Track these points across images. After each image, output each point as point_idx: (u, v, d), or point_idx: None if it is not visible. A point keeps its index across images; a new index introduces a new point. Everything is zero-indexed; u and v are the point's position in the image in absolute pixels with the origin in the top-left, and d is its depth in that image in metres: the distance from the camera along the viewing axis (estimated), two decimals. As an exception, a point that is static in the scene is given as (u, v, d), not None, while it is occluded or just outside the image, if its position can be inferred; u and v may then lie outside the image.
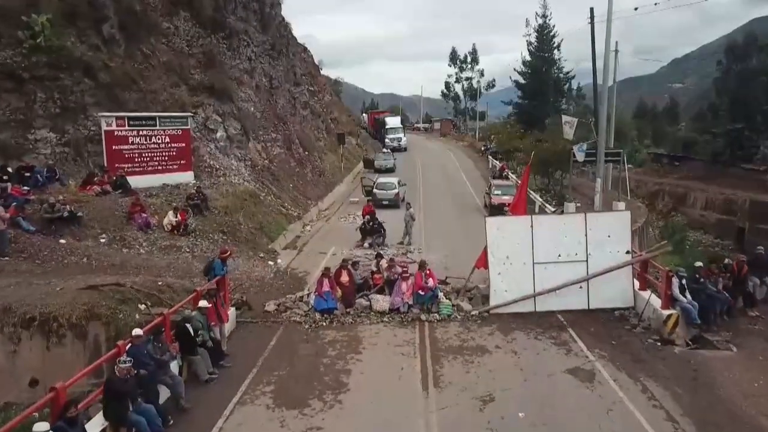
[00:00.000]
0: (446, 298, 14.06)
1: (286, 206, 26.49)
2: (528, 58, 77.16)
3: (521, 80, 77.42)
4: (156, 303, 13.29)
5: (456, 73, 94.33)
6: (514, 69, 77.57)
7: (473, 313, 13.61)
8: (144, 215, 18.65)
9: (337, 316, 13.47)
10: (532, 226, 13.86)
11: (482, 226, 14.44)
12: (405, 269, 14.47)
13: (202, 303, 10.72)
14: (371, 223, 21.01)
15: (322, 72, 59.11)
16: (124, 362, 8.05)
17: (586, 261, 13.87)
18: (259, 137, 30.39)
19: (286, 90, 38.39)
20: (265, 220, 22.72)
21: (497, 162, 42.07)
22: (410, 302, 13.66)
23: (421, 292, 13.64)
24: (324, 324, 13.18)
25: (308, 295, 14.35)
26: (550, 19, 76.88)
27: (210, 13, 29.31)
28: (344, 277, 14.23)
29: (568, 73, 77.85)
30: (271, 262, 18.61)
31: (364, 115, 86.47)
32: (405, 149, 57.41)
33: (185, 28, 28.14)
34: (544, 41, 77.16)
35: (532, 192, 29.68)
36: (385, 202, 28.95)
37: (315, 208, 29.23)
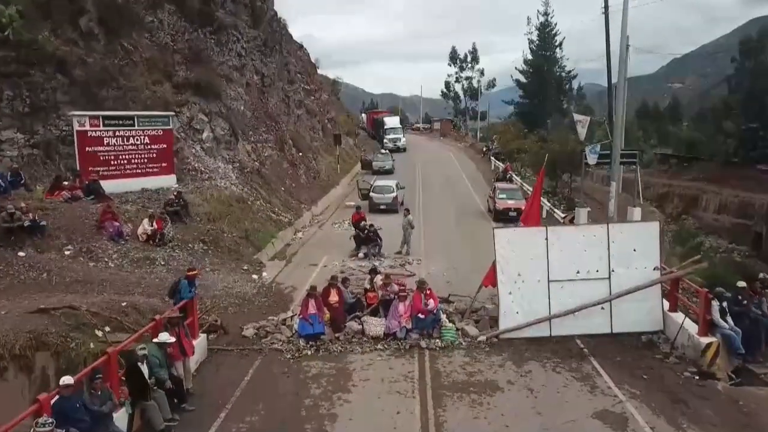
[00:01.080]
0: (449, 321, 12.34)
1: (276, 211, 24.78)
2: (529, 56, 75.81)
3: (523, 79, 75.99)
4: (117, 328, 11.59)
5: (456, 73, 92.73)
6: (516, 68, 76.22)
7: (480, 338, 11.90)
8: (116, 224, 16.94)
9: (324, 343, 11.75)
10: (547, 239, 12.15)
11: (487, 233, 12.80)
12: (402, 288, 12.75)
13: (162, 336, 9.00)
14: (366, 232, 19.27)
15: (319, 71, 57.46)
16: (44, 425, 6.33)
17: (609, 278, 12.18)
18: (249, 138, 28.71)
19: (280, 88, 36.71)
20: (252, 228, 21.00)
21: (500, 163, 40.35)
22: (408, 326, 11.95)
23: (420, 315, 11.92)
24: (309, 353, 11.45)
25: (292, 317, 12.62)
26: (552, 17, 75.54)
27: (197, 6, 27.64)
28: (333, 297, 12.52)
29: (570, 72, 76.49)
30: (255, 276, 16.89)
31: (363, 115, 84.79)
32: (404, 150, 55.72)
33: (170, 22, 26.48)
34: (546, 39, 75.68)
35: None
36: (382, 207, 27.29)
37: (308, 213, 27.53)
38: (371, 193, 27.97)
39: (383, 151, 49.58)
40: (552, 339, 12.03)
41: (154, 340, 9.04)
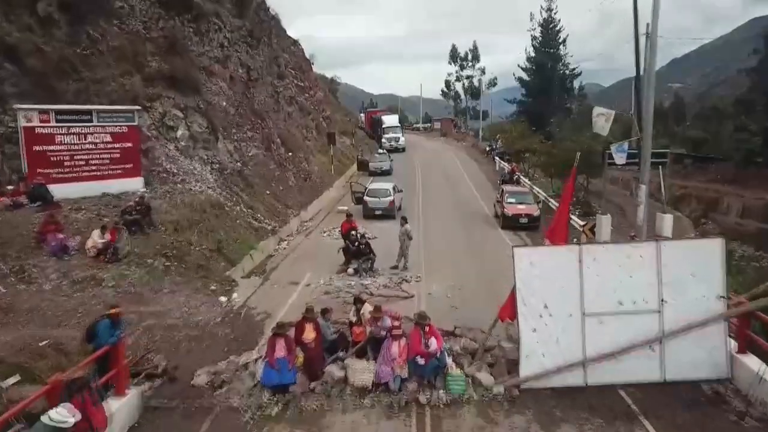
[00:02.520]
0: (455, 366, 9.69)
1: (258, 218, 22.12)
2: (533, 53, 73.29)
3: (525, 77, 73.50)
4: (28, 378, 8.97)
5: (456, 71, 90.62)
6: (518, 65, 73.86)
7: (497, 390, 9.25)
8: (60, 236, 14.32)
9: (294, 397, 9.09)
10: (581, 261, 9.52)
11: (495, 243, 10.37)
12: (397, 321, 10.08)
13: (57, 413, 6.28)
14: (357, 244, 16.61)
15: (318, 70, 54.78)
16: None
17: (660, 311, 9.56)
18: (232, 136, 26.06)
19: (269, 83, 34.05)
20: (228, 238, 18.34)
21: (505, 164, 37.70)
22: (403, 374, 9.30)
23: (419, 359, 9.28)
24: (274, 411, 8.79)
25: (256, 360, 9.96)
26: (555, 13, 73.09)
27: (173, -10, 25.07)
28: (309, 334, 9.87)
29: (574, 69, 73.94)
30: (222, 298, 14.20)
31: (361, 114, 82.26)
32: (403, 150, 53.18)
33: (142, 8, 23.92)
34: (549, 36, 73.21)
35: (553, 201, 25.37)
36: (377, 212, 24.69)
37: (296, 219, 24.88)
38: (365, 197, 25.35)
39: (380, 150, 47.09)
40: (588, 390, 9.39)
41: (44, 418, 6.33)
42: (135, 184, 19.07)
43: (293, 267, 17.65)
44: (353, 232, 17.31)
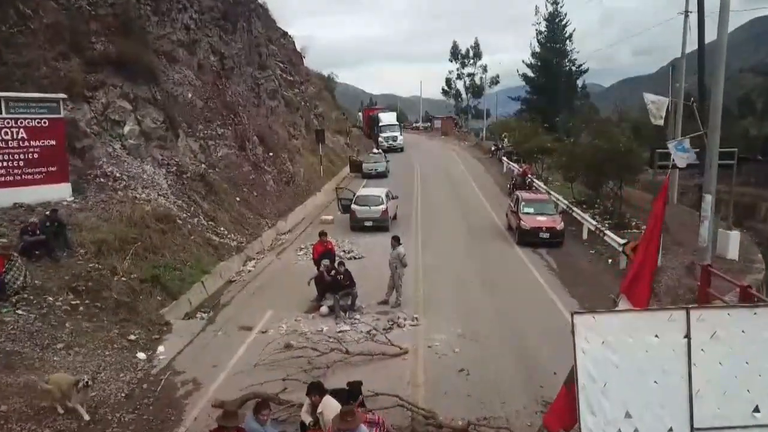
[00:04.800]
0: None
1: (220, 232, 18.16)
2: (537, 49, 69.55)
3: (530, 73, 69.78)
4: None
5: (457, 69, 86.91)
6: (522, 61, 70.10)
7: None
8: None
9: None
10: (688, 337, 5.55)
11: (514, 265, 7.32)
12: (378, 430, 6.10)
13: None
14: (334, 273, 12.58)
15: (316, 70, 50.81)
16: None
17: (825, 423, 5.59)
18: (197, 133, 22.12)
19: (248, 74, 30.09)
20: (171, 261, 14.38)
21: (515, 165, 33.70)
22: None
23: None
24: None
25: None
26: (561, 6, 69.38)
27: (126, -40, 21.13)
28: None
29: (580, 66, 70.17)
30: (141, 355, 10.18)
31: (359, 114, 78.50)
32: (401, 149, 49.22)
33: (87, -19, 19.96)
34: (555, 31, 69.52)
35: (577, 209, 21.33)
36: (367, 223, 20.72)
37: (271, 231, 20.93)
38: (353, 205, 21.34)
39: (376, 150, 43.06)
40: None
41: None
42: (60, 192, 15.21)
43: (251, 301, 13.57)
44: (324, 261, 13.20)
